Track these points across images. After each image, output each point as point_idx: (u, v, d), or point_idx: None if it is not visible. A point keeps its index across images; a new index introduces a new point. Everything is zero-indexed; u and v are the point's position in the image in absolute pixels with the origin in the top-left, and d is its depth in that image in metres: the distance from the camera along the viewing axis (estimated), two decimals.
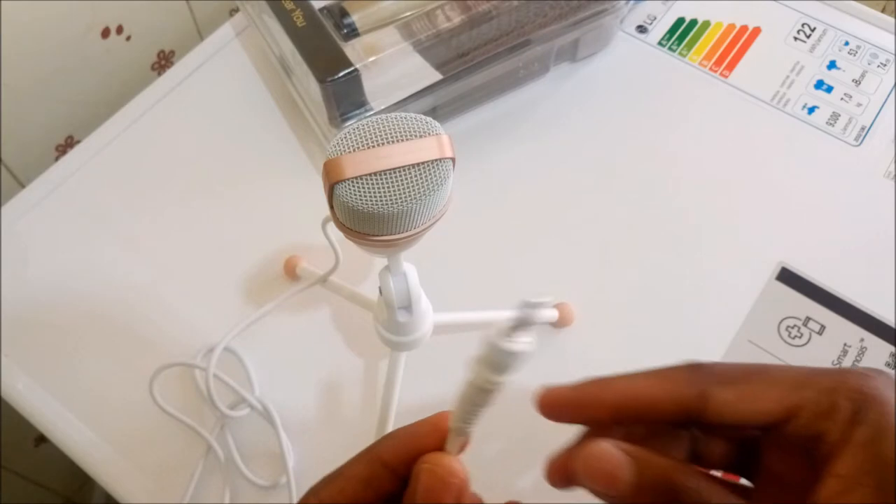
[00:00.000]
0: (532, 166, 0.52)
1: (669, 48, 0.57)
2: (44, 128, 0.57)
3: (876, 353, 0.44)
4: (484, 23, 0.49)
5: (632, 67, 0.56)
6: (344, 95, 0.46)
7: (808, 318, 0.45)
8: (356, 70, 0.45)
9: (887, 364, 0.44)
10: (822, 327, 0.45)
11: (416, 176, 0.26)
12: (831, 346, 0.44)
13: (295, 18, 0.48)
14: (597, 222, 0.49)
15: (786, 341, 0.45)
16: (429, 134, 0.26)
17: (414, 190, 0.26)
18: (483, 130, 0.53)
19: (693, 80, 0.56)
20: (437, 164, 0.26)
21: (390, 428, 0.40)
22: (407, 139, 0.26)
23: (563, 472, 0.23)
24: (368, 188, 0.26)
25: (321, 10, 0.49)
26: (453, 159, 0.27)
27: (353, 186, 0.26)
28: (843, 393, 0.21)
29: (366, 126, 0.26)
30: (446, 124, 0.53)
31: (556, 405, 0.24)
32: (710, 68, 0.56)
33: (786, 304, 0.46)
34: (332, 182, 0.26)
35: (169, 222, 0.50)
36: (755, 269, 0.47)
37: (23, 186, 0.53)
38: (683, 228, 0.49)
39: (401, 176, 0.26)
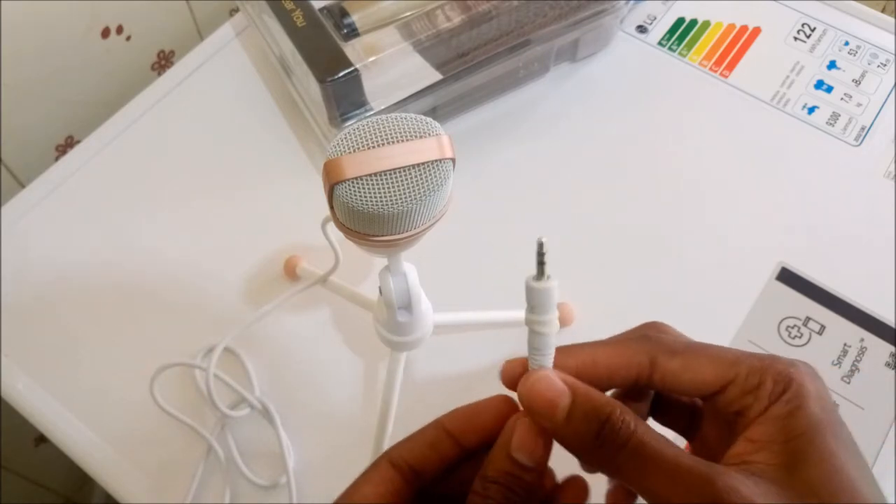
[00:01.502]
0: (532, 166, 0.52)
1: (669, 48, 0.57)
2: (44, 128, 0.57)
3: (876, 353, 0.44)
4: (484, 23, 0.49)
5: (632, 67, 0.56)
6: (344, 95, 0.46)
7: (808, 318, 0.45)
8: (356, 70, 0.45)
9: (887, 364, 0.44)
10: (822, 327, 0.45)
11: (416, 176, 0.26)
12: (831, 346, 0.44)
13: (295, 18, 0.48)
14: (597, 222, 0.49)
15: (786, 341, 0.45)
16: (429, 134, 0.26)
17: (414, 190, 0.26)
18: (483, 130, 0.53)
19: (693, 80, 0.56)
20: (438, 165, 0.26)
21: (390, 428, 0.40)
22: (407, 139, 0.26)
23: (513, 382, 0.26)
24: (369, 189, 0.26)
25: (321, 10, 0.49)
26: (453, 160, 0.27)
27: (354, 187, 0.26)
28: (770, 374, 0.25)
29: (366, 126, 0.26)
30: (446, 124, 0.53)
31: (513, 377, 0.26)
32: (710, 68, 0.56)
33: (786, 304, 0.46)
34: (332, 182, 0.26)
35: (169, 222, 0.50)
36: (755, 269, 0.47)
37: (23, 186, 0.53)
38: (683, 228, 0.49)
39: (401, 176, 0.26)
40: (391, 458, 0.26)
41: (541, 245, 0.25)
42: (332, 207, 0.28)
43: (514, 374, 0.27)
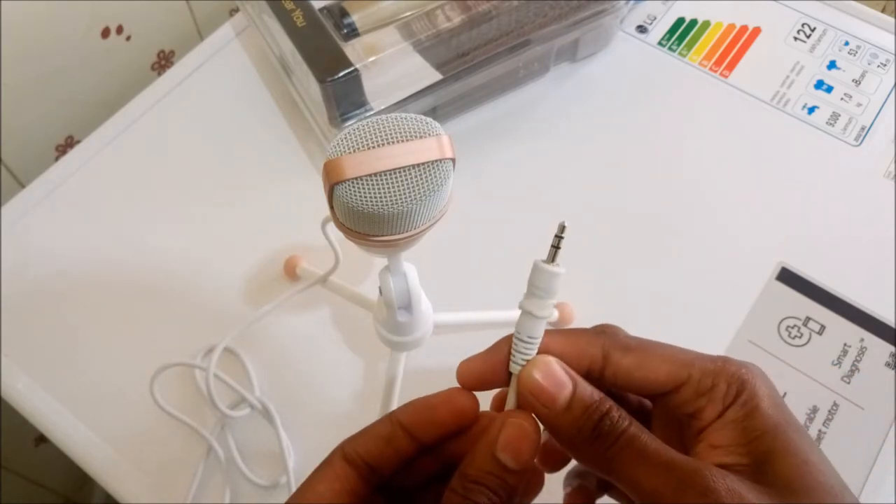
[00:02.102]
0: (532, 166, 0.52)
1: (669, 48, 0.57)
2: (44, 128, 0.57)
3: (876, 353, 0.44)
4: (484, 23, 0.49)
5: (632, 67, 0.56)
6: (344, 95, 0.46)
7: (808, 318, 0.45)
8: (356, 70, 0.45)
9: (887, 364, 0.44)
10: (822, 327, 0.45)
11: (416, 176, 0.26)
12: (831, 346, 0.44)
13: (295, 18, 0.48)
14: (597, 222, 0.49)
15: (786, 341, 0.45)
16: (429, 134, 0.26)
17: (414, 190, 0.26)
18: (483, 130, 0.53)
19: (693, 80, 0.56)
20: (438, 165, 0.26)
21: None
22: (407, 139, 0.26)
23: (478, 379, 0.27)
24: (369, 189, 0.26)
25: (321, 10, 0.49)
26: (453, 160, 0.27)
27: (354, 187, 0.26)
28: (724, 377, 0.25)
29: (366, 126, 0.26)
30: (446, 124, 0.53)
31: (472, 375, 0.27)
32: (710, 68, 0.56)
33: (786, 304, 0.46)
34: (332, 182, 0.26)
35: (169, 222, 0.50)
36: (755, 269, 0.47)
37: (23, 186, 0.53)
38: (683, 228, 0.49)
39: (401, 176, 0.26)
40: (346, 454, 0.26)
41: (562, 228, 0.26)
42: (332, 207, 0.28)
43: (472, 372, 0.27)
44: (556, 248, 0.27)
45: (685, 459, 0.23)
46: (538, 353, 0.26)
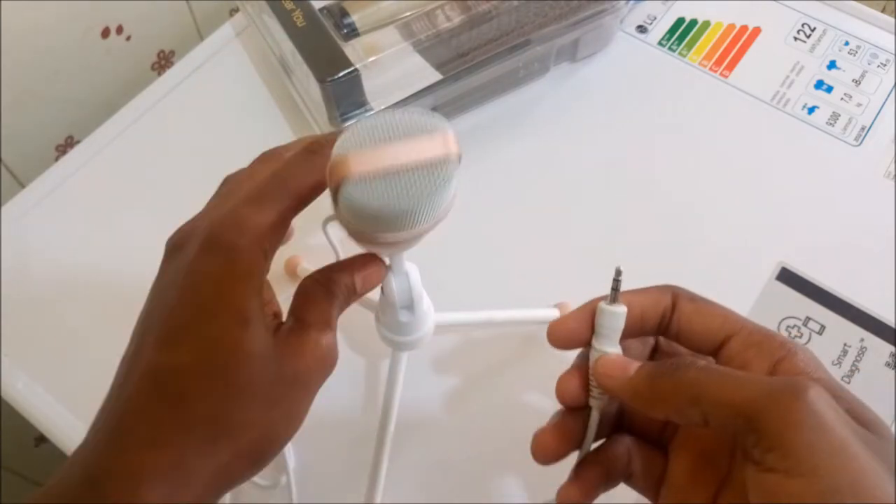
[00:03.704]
0: (532, 166, 0.52)
1: (669, 48, 0.57)
2: (44, 128, 0.57)
3: (876, 353, 0.44)
4: (484, 23, 0.49)
5: (632, 67, 0.56)
6: (344, 95, 0.46)
7: (808, 318, 0.45)
8: (356, 70, 0.45)
9: (887, 364, 0.44)
10: (822, 327, 0.45)
11: (422, 174, 0.26)
12: (831, 346, 0.44)
13: (295, 18, 0.48)
14: (597, 222, 0.49)
15: None
16: (435, 130, 0.26)
17: (420, 188, 0.26)
18: (483, 130, 0.53)
19: (693, 80, 0.56)
20: (444, 162, 0.26)
21: (392, 427, 0.40)
22: (413, 136, 0.26)
23: (573, 390, 0.29)
24: (374, 186, 0.25)
25: (321, 10, 0.49)
26: (459, 156, 0.27)
27: (359, 185, 0.26)
28: (774, 338, 0.27)
29: (371, 123, 0.26)
30: None
31: (564, 335, 0.30)
32: (710, 68, 0.56)
33: (786, 304, 0.46)
34: (337, 180, 0.26)
35: (169, 222, 0.50)
36: (755, 269, 0.47)
37: (23, 186, 0.53)
38: (683, 228, 0.49)
39: (407, 174, 0.26)
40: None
41: (619, 272, 0.29)
42: (335, 204, 0.27)
43: (564, 333, 0.30)
44: (615, 290, 0.29)
45: (783, 377, 0.25)
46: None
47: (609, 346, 0.29)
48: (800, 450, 0.22)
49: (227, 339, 0.25)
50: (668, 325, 0.29)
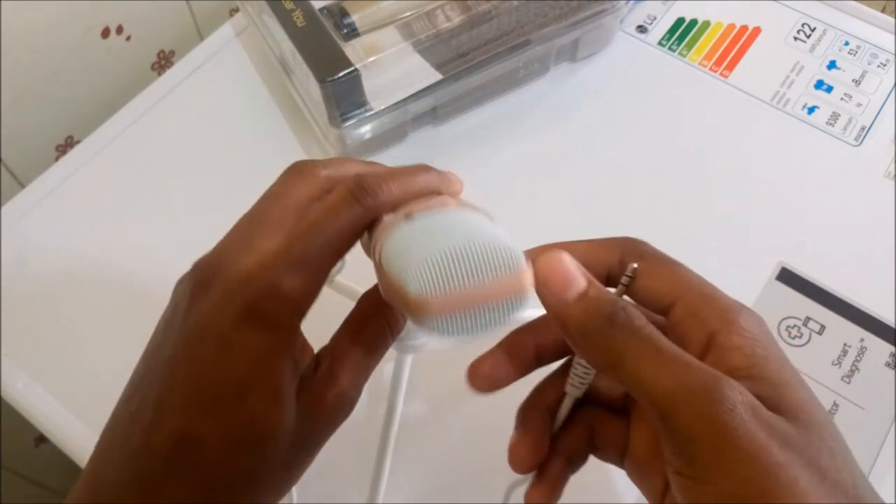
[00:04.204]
0: (532, 166, 0.52)
1: (669, 48, 0.57)
2: (44, 128, 0.57)
3: (876, 353, 0.44)
4: (484, 23, 0.49)
5: (632, 67, 0.56)
6: (344, 95, 0.46)
7: (808, 318, 0.45)
8: (356, 70, 0.45)
9: (887, 364, 0.44)
10: (822, 327, 0.45)
11: (501, 310, 0.25)
12: (831, 345, 0.44)
13: (295, 18, 0.48)
14: (597, 221, 0.49)
15: (786, 341, 0.45)
16: (515, 267, 0.25)
17: (497, 318, 0.25)
18: (483, 130, 0.53)
19: (693, 80, 0.56)
20: (522, 297, 0.25)
21: (395, 429, 0.40)
22: (494, 274, 0.25)
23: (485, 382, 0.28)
24: (454, 320, 0.25)
25: (321, 10, 0.49)
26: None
27: (438, 319, 0.25)
28: (715, 302, 0.25)
29: (451, 262, 0.25)
30: (446, 124, 0.54)
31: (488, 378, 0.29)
32: (710, 68, 0.56)
33: (786, 304, 0.46)
34: (417, 316, 0.25)
35: (169, 222, 0.50)
36: (755, 269, 0.47)
37: (23, 186, 0.53)
38: (683, 228, 0.49)
39: (487, 310, 0.25)
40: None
41: (633, 270, 0.27)
42: (407, 316, 0.26)
43: (482, 373, 0.28)
44: (625, 286, 0.27)
45: (704, 366, 0.23)
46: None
47: None
48: (707, 458, 0.21)
49: (260, 416, 0.25)
50: (613, 283, 0.27)
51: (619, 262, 0.27)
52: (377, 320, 0.29)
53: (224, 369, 0.25)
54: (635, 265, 0.26)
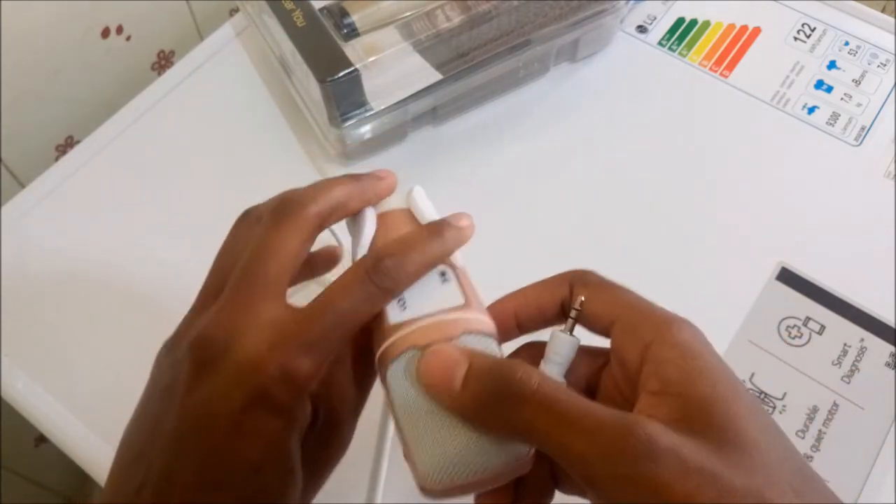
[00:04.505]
0: (532, 166, 0.52)
1: (669, 48, 0.57)
2: (44, 128, 0.57)
3: (876, 353, 0.44)
4: (484, 23, 0.49)
5: (632, 67, 0.56)
6: (344, 95, 0.46)
7: (808, 318, 0.45)
8: (356, 70, 0.45)
9: (887, 364, 0.44)
10: (822, 327, 0.45)
11: (495, 485, 0.26)
12: (831, 345, 0.44)
13: (295, 18, 0.48)
14: (596, 221, 0.49)
15: (786, 341, 0.45)
16: (521, 462, 0.25)
17: (487, 489, 0.26)
18: (483, 130, 0.53)
19: (693, 80, 0.56)
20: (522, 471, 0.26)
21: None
22: (499, 474, 0.25)
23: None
24: (451, 497, 0.25)
25: (321, 10, 0.49)
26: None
27: (438, 497, 0.26)
28: (650, 319, 0.26)
29: (460, 467, 0.25)
30: (446, 124, 0.54)
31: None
32: (710, 68, 0.56)
33: (786, 304, 0.46)
34: (425, 492, 0.26)
35: (169, 222, 0.50)
36: (755, 269, 0.47)
37: (23, 186, 0.53)
38: (683, 228, 0.49)
39: (482, 489, 0.26)
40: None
41: (580, 301, 0.27)
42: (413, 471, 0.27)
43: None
44: (573, 319, 0.28)
45: (613, 415, 0.22)
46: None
47: (556, 377, 0.27)
48: None
49: (273, 488, 0.25)
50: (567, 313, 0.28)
51: (570, 293, 0.28)
52: (370, 356, 0.28)
53: (236, 450, 0.24)
54: (582, 298, 0.27)
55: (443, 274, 0.29)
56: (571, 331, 0.28)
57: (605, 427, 0.22)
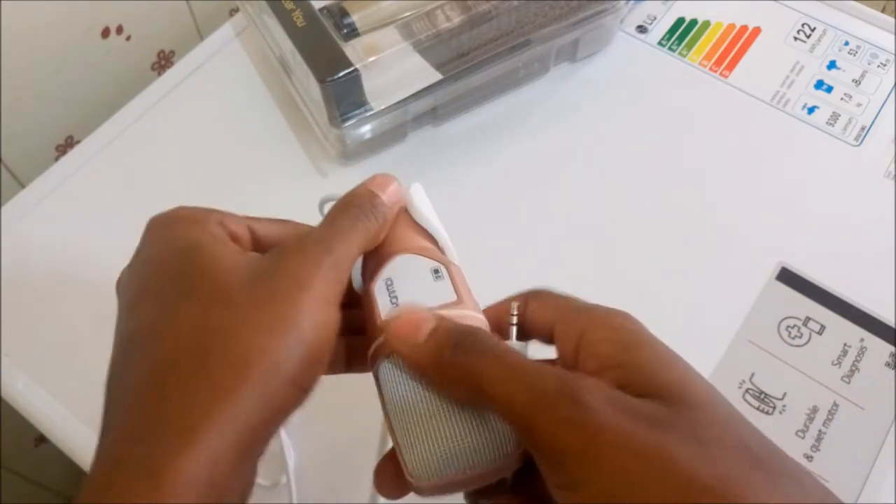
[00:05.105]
0: (532, 166, 0.52)
1: (669, 48, 0.57)
2: (44, 128, 0.57)
3: (876, 353, 0.44)
4: (484, 23, 0.49)
5: (632, 67, 0.56)
6: (344, 95, 0.46)
7: (808, 318, 0.45)
8: (356, 70, 0.45)
9: (887, 364, 0.44)
10: (822, 327, 0.45)
11: (484, 482, 0.26)
12: (831, 345, 0.44)
13: (295, 18, 0.48)
14: (596, 221, 0.49)
15: (786, 341, 0.45)
16: (508, 454, 0.25)
17: (477, 486, 0.26)
18: (483, 130, 0.53)
19: (693, 80, 0.56)
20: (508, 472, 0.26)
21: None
22: (488, 469, 0.25)
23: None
24: (440, 493, 0.26)
25: (321, 10, 0.49)
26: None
27: (427, 492, 0.26)
28: (583, 311, 0.26)
29: (449, 461, 0.25)
30: (446, 124, 0.54)
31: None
32: (710, 68, 0.56)
33: (786, 304, 0.46)
34: (409, 483, 0.26)
35: None
36: (755, 269, 0.47)
37: (23, 186, 0.53)
38: (683, 228, 0.49)
39: (471, 485, 0.26)
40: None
41: (514, 306, 0.28)
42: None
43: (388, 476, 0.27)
44: (514, 325, 0.28)
45: (558, 370, 0.23)
46: None
47: None
48: (578, 461, 0.21)
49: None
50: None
51: (524, 303, 0.29)
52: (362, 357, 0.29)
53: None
54: (516, 303, 0.28)
55: (436, 271, 0.29)
56: (516, 338, 0.28)
57: (550, 376, 0.22)
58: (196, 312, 0.25)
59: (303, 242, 0.27)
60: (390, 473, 0.27)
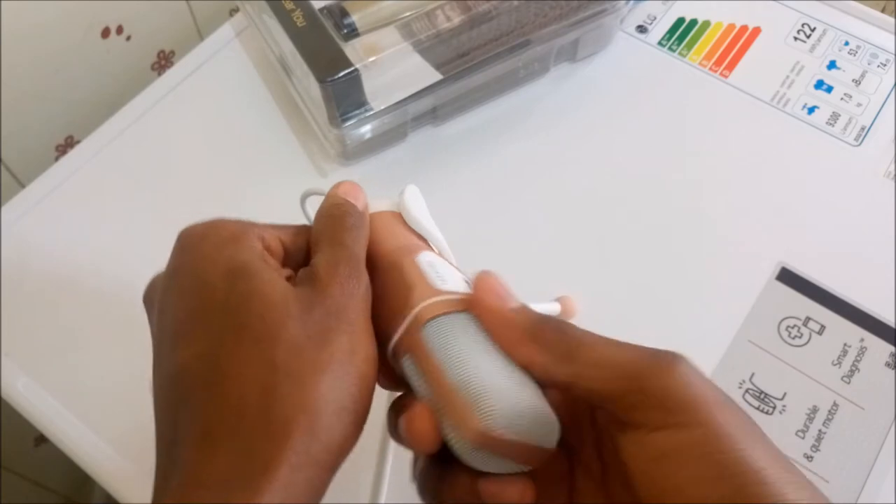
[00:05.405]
0: (532, 166, 0.52)
1: (669, 48, 0.57)
2: (44, 128, 0.57)
3: (876, 353, 0.44)
4: (484, 23, 0.49)
5: (632, 67, 0.56)
6: (344, 95, 0.46)
7: (808, 318, 0.45)
8: (356, 70, 0.45)
9: (887, 364, 0.44)
10: (822, 327, 0.45)
11: (511, 468, 0.26)
12: (831, 346, 0.44)
13: (295, 18, 0.48)
14: (597, 221, 0.49)
15: (786, 341, 0.45)
16: (553, 442, 0.26)
17: (495, 470, 0.26)
18: (483, 130, 0.53)
19: (693, 80, 0.56)
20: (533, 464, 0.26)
21: None
22: (544, 447, 0.26)
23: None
24: (474, 457, 0.26)
25: (321, 10, 0.49)
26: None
27: (472, 451, 0.25)
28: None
29: (529, 419, 0.25)
30: (446, 124, 0.54)
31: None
32: (710, 68, 0.56)
33: (786, 304, 0.46)
34: (458, 437, 0.26)
35: (169, 222, 0.50)
36: (755, 269, 0.47)
37: (23, 186, 0.53)
38: (683, 228, 0.49)
39: (503, 464, 0.26)
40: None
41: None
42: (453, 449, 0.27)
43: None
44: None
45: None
46: None
47: None
48: (687, 405, 0.23)
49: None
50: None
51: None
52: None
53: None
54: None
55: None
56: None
57: (646, 348, 0.25)
58: (257, 351, 0.25)
59: (335, 273, 0.27)
60: (426, 426, 0.26)
